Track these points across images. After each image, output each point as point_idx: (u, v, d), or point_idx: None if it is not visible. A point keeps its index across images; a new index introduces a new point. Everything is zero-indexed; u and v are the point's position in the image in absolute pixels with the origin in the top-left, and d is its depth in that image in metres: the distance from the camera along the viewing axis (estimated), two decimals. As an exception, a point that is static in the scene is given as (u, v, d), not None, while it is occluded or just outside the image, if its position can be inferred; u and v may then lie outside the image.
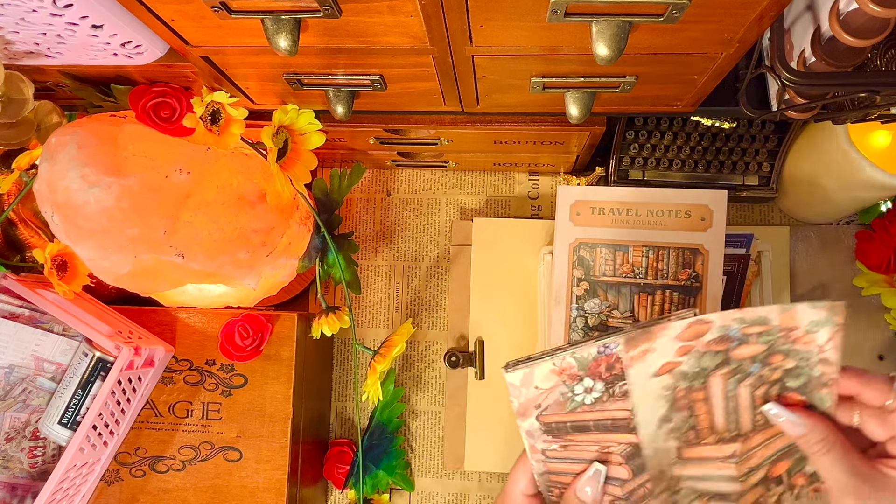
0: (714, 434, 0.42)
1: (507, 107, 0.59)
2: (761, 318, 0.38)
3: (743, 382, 0.40)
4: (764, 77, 0.58)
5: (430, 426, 0.80)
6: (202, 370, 0.70)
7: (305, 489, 0.73)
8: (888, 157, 0.61)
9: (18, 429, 0.66)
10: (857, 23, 0.43)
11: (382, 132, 0.66)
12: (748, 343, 0.39)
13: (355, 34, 0.44)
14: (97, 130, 0.54)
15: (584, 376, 0.41)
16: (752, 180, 0.73)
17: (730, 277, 0.67)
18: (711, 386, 0.40)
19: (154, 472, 0.69)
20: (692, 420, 0.41)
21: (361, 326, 0.82)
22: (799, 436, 0.40)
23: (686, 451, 0.42)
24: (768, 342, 0.38)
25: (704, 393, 0.40)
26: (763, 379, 0.40)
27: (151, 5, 0.43)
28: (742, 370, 0.39)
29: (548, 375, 0.41)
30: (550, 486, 0.45)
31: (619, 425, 0.42)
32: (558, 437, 0.43)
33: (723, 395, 0.40)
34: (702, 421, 0.41)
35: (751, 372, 0.39)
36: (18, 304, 0.65)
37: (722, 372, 0.40)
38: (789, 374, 0.40)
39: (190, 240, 0.55)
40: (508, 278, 0.76)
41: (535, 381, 0.41)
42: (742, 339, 0.38)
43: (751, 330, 0.38)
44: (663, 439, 0.42)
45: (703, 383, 0.40)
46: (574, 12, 0.39)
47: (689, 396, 0.40)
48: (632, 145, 0.71)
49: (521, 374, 0.41)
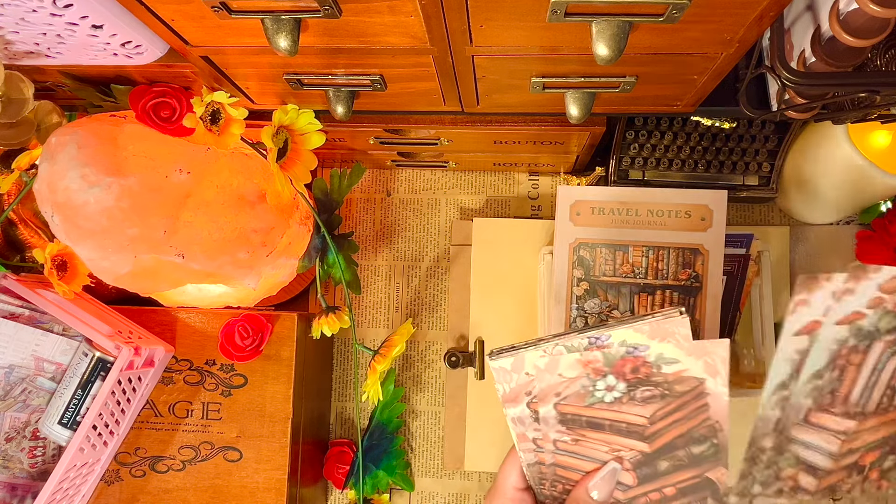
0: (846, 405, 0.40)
1: (507, 107, 0.59)
2: None
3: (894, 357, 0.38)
4: (764, 77, 0.58)
5: (430, 426, 0.80)
6: (202, 370, 0.70)
7: (305, 489, 0.73)
8: (888, 157, 0.61)
9: (18, 429, 0.66)
10: (857, 23, 0.43)
11: (382, 132, 0.66)
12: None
13: (355, 34, 0.44)
14: (97, 130, 0.54)
15: (609, 373, 0.40)
16: (752, 180, 0.73)
17: (730, 277, 0.67)
18: (871, 352, 0.38)
19: (154, 472, 0.69)
20: (836, 384, 0.40)
21: (361, 326, 0.82)
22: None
23: (813, 415, 0.41)
24: None
25: (861, 358, 0.39)
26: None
27: (151, 5, 0.43)
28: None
29: (573, 364, 0.40)
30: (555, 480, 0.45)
31: (634, 431, 0.41)
32: (572, 430, 0.42)
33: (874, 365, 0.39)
34: (844, 387, 0.40)
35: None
36: (18, 304, 0.65)
37: (888, 339, 0.38)
38: None
39: (190, 240, 0.55)
40: (508, 278, 0.76)
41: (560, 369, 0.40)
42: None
43: None
44: (804, 395, 0.40)
45: (867, 346, 0.38)
46: (574, 12, 0.39)
47: (848, 357, 0.39)
48: (632, 145, 0.71)
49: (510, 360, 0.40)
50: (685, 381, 0.40)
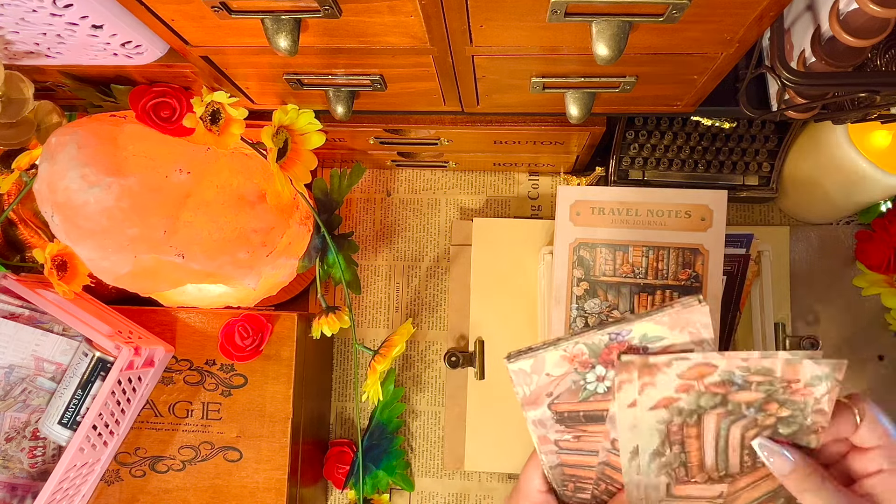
0: (703, 473, 0.41)
1: (507, 107, 0.59)
2: (765, 369, 0.38)
3: (736, 423, 0.40)
4: (764, 77, 0.58)
5: (430, 426, 0.80)
6: (202, 370, 0.70)
7: (305, 489, 0.73)
8: (888, 157, 0.61)
9: (18, 429, 0.66)
10: (857, 23, 0.43)
11: (382, 132, 0.66)
12: (748, 389, 0.38)
13: (355, 34, 0.44)
14: (97, 130, 0.54)
15: (597, 364, 0.40)
16: (752, 180, 0.73)
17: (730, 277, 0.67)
18: (705, 423, 0.40)
19: (154, 472, 0.69)
20: (683, 456, 0.41)
21: (361, 326, 0.82)
22: (787, 472, 0.39)
23: (675, 489, 0.42)
24: (768, 391, 0.38)
25: (698, 430, 0.40)
26: (756, 423, 0.40)
27: (151, 5, 0.43)
28: (737, 412, 0.39)
29: (559, 362, 0.40)
30: (565, 480, 0.45)
31: None
32: (571, 428, 0.42)
33: (715, 433, 0.40)
34: (693, 458, 0.41)
35: (745, 415, 0.39)
36: (18, 304, 0.65)
37: (718, 412, 0.39)
38: (782, 422, 0.39)
39: (190, 240, 0.55)
40: (508, 278, 0.76)
41: (547, 368, 0.40)
42: (743, 385, 0.38)
43: (753, 378, 0.38)
44: (655, 473, 0.41)
45: (697, 420, 0.40)
46: (574, 12, 0.39)
47: (682, 432, 0.40)
48: (632, 145, 0.71)
49: (529, 362, 0.40)
50: None
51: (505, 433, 0.75)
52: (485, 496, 0.79)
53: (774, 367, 0.38)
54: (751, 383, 0.38)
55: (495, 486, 0.78)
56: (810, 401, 0.38)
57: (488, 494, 0.79)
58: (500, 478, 0.78)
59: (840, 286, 0.77)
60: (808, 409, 0.39)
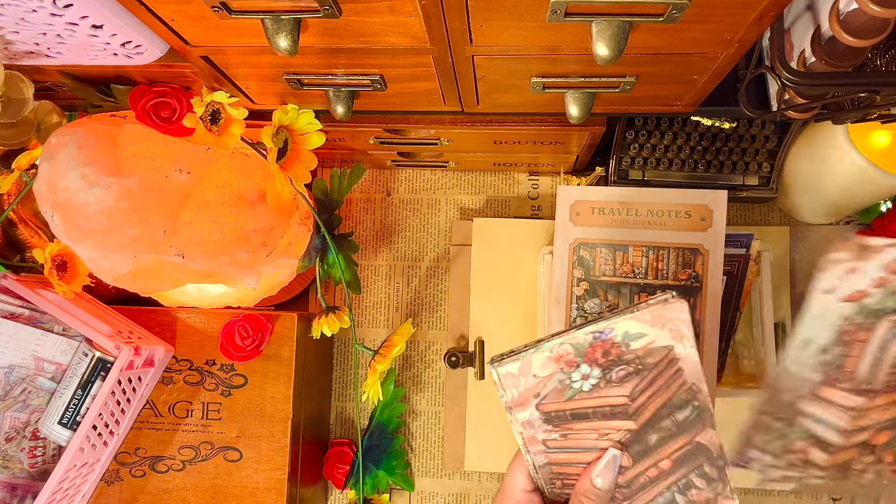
0: (852, 380, 0.40)
1: (507, 107, 0.59)
2: None
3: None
4: (764, 77, 0.58)
5: (430, 426, 0.80)
6: (202, 370, 0.70)
7: (305, 489, 0.73)
8: (888, 157, 0.61)
9: (18, 429, 0.66)
10: (857, 23, 0.43)
11: (382, 132, 0.66)
12: None
13: (355, 34, 0.44)
14: (97, 130, 0.54)
15: (581, 362, 0.41)
16: (752, 180, 0.73)
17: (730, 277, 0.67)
18: (878, 328, 0.39)
19: (154, 472, 0.69)
20: (843, 359, 0.40)
21: (361, 326, 0.82)
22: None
23: (822, 389, 0.41)
24: None
25: (867, 335, 0.39)
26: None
27: (151, 5, 0.43)
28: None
29: (545, 363, 0.41)
30: (553, 478, 0.45)
31: (618, 412, 0.42)
32: (558, 427, 0.43)
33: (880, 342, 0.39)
34: (850, 363, 0.40)
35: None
36: (18, 304, 0.65)
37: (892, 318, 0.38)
38: None
39: (190, 240, 0.55)
40: (508, 278, 0.76)
41: (533, 370, 0.41)
42: None
43: None
44: (812, 368, 0.40)
45: (872, 324, 0.39)
46: (574, 12, 0.39)
47: (854, 334, 0.39)
48: (632, 145, 0.71)
49: (516, 364, 0.41)
50: (655, 353, 0.41)
51: (505, 433, 0.74)
52: (485, 496, 0.79)
53: None
54: None
55: (495, 486, 0.78)
56: None
57: (488, 494, 0.79)
58: (499, 478, 0.78)
59: (840, 286, 0.77)
60: None
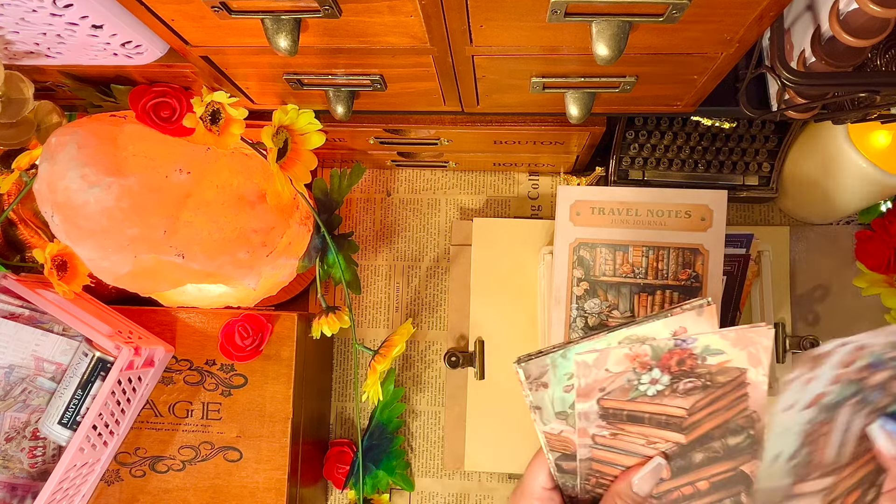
0: (821, 468, 0.41)
1: (507, 107, 0.59)
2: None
3: (860, 413, 0.39)
4: (764, 77, 0.58)
5: (430, 426, 0.80)
6: (202, 370, 0.70)
7: (305, 489, 0.73)
8: (888, 157, 0.61)
9: (18, 429, 0.66)
10: (857, 23, 0.43)
11: (382, 132, 0.66)
12: (884, 368, 0.37)
13: (355, 34, 0.44)
14: (97, 130, 0.54)
15: (655, 366, 0.40)
16: (752, 180, 0.73)
17: (730, 277, 0.67)
18: (838, 416, 0.39)
19: (154, 472, 0.69)
20: (811, 456, 0.40)
21: (361, 326, 0.82)
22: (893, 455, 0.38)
23: (795, 488, 0.41)
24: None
25: (830, 426, 0.39)
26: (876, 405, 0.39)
27: (151, 5, 0.43)
28: (867, 400, 0.38)
29: (621, 360, 0.40)
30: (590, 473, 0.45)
31: (672, 423, 0.42)
32: (612, 425, 0.42)
33: (844, 426, 0.39)
34: (817, 455, 0.40)
35: (871, 400, 0.38)
36: (18, 304, 0.65)
37: (851, 402, 0.38)
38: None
39: (190, 240, 0.55)
40: (508, 278, 0.76)
41: (608, 364, 0.41)
42: (880, 363, 0.37)
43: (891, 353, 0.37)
44: (782, 476, 0.41)
45: (832, 415, 0.39)
46: (574, 12, 0.39)
47: (818, 430, 0.39)
48: (632, 145, 0.71)
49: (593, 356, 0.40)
50: (727, 372, 0.40)
51: (505, 433, 0.74)
52: (485, 496, 0.79)
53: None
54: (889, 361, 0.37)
55: (495, 486, 0.78)
56: None
57: (488, 494, 0.79)
58: (500, 478, 0.78)
59: (840, 286, 0.77)
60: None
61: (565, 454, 0.45)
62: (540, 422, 0.44)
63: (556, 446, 0.45)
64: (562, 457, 0.45)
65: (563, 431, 0.44)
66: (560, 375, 0.42)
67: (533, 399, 0.43)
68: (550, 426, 0.44)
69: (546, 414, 0.43)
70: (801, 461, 0.40)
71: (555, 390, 0.43)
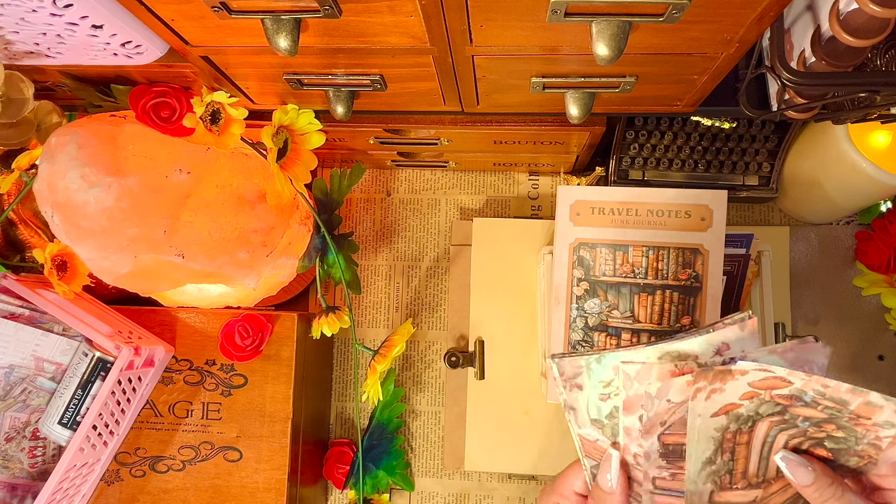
0: (745, 479, 0.41)
1: (507, 107, 0.59)
2: (841, 400, 0.36)
3: (784, 431, 0.39)
4: (764, 77, 0.58)
5: (430, 426, 0.80)
6: (202, 370, 0.70)
7: (305, 489, 0.73)
8: (888, 157, 0.61)
9: (18, 429, 0.66)
10: (857, 23, 0.43)
11: (382, 132, 0.66)
12: (813, 408, 0.37)
13: (355, 34, 0.44)
14: (97, 130, 0.54)
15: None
16: (752, 180, 0.73)
17: (730, 277, 0.67)
18: (757, 430, 0.39)
19: (154, 472, 0.69)
20: (731, 464, 0.40)
21: (361, 326, 0.82)
22: (809, 483, 0.39)
23: (717, 496, 0.41)
24: (832, 415, 0.37)
25: (749, 437, 0.39)
26: (806, 434, 0.39)
27: (151, 5, 0.43)
28: (792, 423, 0.38)
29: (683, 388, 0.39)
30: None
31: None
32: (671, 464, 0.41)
33: (763, 439, 0.39)
34: (739, 465, 0.40)
35: (798, 426, 0.38)
36: (18, 304, 0.65)
37: (773, 419, 0.39)
38: (832, 440, 0.39)
39: (190, 240, 0.55)
40: (508, 278, 0.76)
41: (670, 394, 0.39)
42: (810, 403, 0.37)
43: (824, 402, 0.37)
44: (703, 481, 0.40)
45: (751, 427, 0.39)
46: (574, 12, 0.39)
47: (735, 439, 0.39)
48: (632, 145, 0.71)
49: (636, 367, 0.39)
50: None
51: (505, 433, 0.74)
52: (485, 496, 0.79)
53: (851, 401, 0.36)
54: (819, 404, 0.37)
55: (495, 486, 0.78)
56: (871, 435, 0.37)
57: (488, 494, 0.79)
58: (500, 478, 0.78)
59: (840, 286, 0.77)
60: (865, 440, 0.38)
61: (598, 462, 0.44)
62: (575, 424, 0.43)
63: (591, 454, 0.44)
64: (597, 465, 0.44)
65: (598, 441, 0.43)
66: (595, 381, 0.41)
67: (567, 398, 0.42)
68: (586, 430, 0.43)
69: (580, 417, 0.43)
70: (719, 468, 0.40)
71: (590, 395, 0.42)
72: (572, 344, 0.64)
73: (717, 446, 0.40)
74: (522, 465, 0.74)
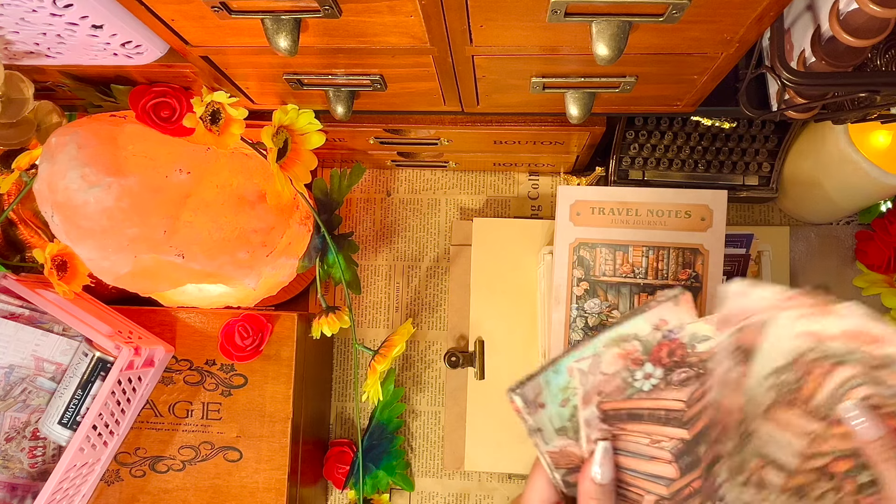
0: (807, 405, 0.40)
1: (507, 107, 0.59)
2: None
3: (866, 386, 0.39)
4: (764, 77, 0.58)
5: (430, 426, 0.80)
6: (202, 370, 0.70)
7: (305, 489, 0.73)
8: (888, 157, 0.61)
9: (18, 429, 0.66)
10: (857, 23, 0.43)
11: (382, 132, 0.66)
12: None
13: (355, 34, 0.44)
14: (97, 130, 0.54)
15: (647, 361, 0.40)
16: (752, 180, 0.73)
17: (730, 277, 0.67)
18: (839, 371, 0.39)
19: (154, 472, 0.69)
20: (800, 383, 0.40)
21: (361, 326, 0.82)
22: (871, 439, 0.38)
23: (776, 410, 0.41)
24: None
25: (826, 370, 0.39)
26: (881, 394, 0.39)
27: (151, 5, 0.43)
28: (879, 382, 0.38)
29: (614, 360, 0.41)
30: None
31: (673, 418, 0.41)
32: (612, 426, 0.42)
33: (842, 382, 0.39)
34: (807, 389, 0.40)
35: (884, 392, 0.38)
36: (18, 304, 0.65)
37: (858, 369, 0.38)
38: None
39: (190, 240, 0.55)
40: (508, 278, 0.76)
41: (602, 367, 0.41)
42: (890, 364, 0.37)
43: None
44: (766, 388, 0.40)
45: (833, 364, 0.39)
46: (574, 12, 0.39)
47: (810, 366, 0.39)
48: (632, 145, 0.71)
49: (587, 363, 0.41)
50: None
51: (505, 433, 0.74)
52: (485, 496, 0.79)
53: None
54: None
55: (495, 486, 0.78)
56: None
57: (488, 494, 0.79)
58: (500, 478, 0.78)
59: (840, 286, 0.77)
60: None
61: (570, 469, 0.45)
62: (542, 443, 0.43)
63: (561, 463, 0.44)
64: (568, 472, 0.45)
65: (566, 446, 0.44)
66: (555, 391, 0.42)
67: (533, 422, 0.43)
68: (552, 444, 0.43)
69: (547, 433, 0.43)
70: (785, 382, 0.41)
71: (552, 407, 0.42)
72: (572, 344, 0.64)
73: (790, 361, 0.39)
74: (522, 465, 0.74)
